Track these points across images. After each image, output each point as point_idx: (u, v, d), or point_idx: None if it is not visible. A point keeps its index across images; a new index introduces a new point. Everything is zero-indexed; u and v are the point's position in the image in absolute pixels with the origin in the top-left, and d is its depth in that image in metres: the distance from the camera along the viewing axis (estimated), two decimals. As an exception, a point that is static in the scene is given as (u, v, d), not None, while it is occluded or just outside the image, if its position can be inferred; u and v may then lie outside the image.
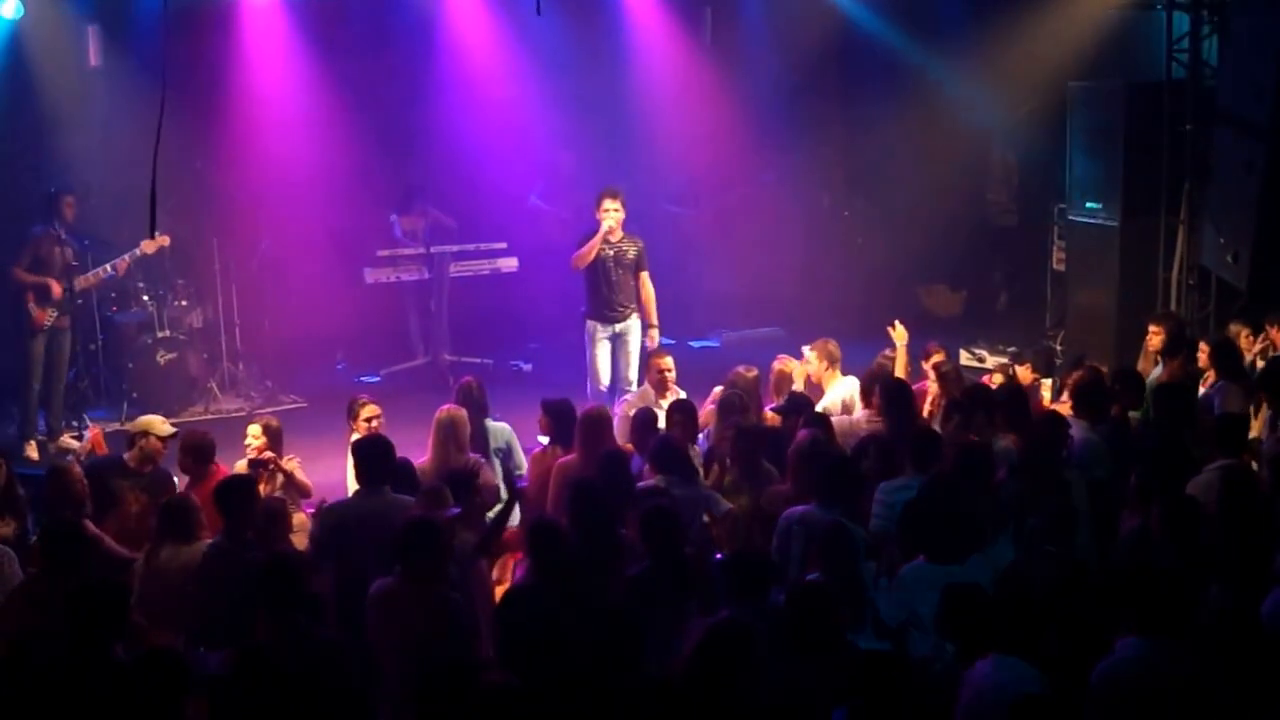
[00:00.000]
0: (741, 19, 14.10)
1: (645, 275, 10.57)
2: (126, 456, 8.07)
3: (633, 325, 10.54)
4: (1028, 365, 9.96)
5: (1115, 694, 5.00)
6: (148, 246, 10.88)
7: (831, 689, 5.24)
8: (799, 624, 5.50)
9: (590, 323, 10.57)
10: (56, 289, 10.62)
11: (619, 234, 10.45)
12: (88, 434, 9.01)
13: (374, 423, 8.32)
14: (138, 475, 7.88)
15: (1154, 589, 5.26)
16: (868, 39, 13.99)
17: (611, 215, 10.34)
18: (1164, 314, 10.69)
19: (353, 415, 8.39)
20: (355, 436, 8.22)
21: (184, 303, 12.16)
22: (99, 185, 11.34)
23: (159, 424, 8.20)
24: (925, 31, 13.59)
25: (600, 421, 8.05)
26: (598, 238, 10.35)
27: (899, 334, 9.58)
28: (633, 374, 10.41)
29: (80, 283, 10.80)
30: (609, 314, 10.48)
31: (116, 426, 10.67)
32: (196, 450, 7.87)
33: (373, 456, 7.06)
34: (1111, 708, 4.99)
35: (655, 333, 10.61)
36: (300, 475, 8.11)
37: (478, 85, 13.43)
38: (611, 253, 10.44)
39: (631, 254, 10.51)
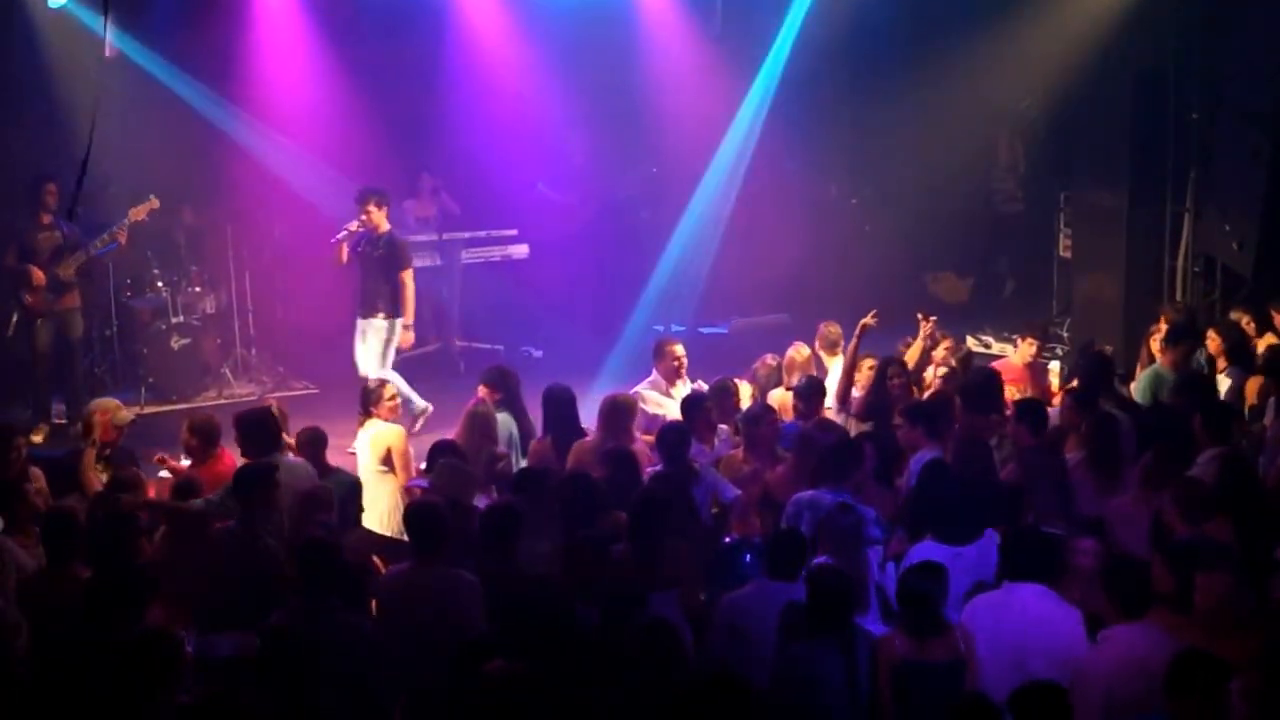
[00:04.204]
0: (751, 8, 14.13)
1: (403, 274, 10.66)
2: (84, 444, 8.32)
3: (372, 324, 10.68)
4: (1030, 339, 10.06)
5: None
6: (136, 213, 10.87)
7: (842, 671, 5.35)
8: (815, 607, 5.56)
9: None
10: (39, 276, 10.61)
11: (380, 231, 10.61)
12: None
13: (394, 402, 8.55)
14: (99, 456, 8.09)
15: (1126, 577, 5.40)
16: (875, 27, 14.02)
17: (363, 217, 10.56)
18: (1178, 305, 10.78)
19: (376, 400, 8.47)
20: (376, 422, 8.37)
21: (198, 289, 12.25)
22: (115, 176, 11.41)
23: (112, 405, 8.42)
24: (932, 19, 13.62)
25: (623, 407, 8.15)
26: (342, 237, 10.60)
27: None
28: (374, 368, 10.51)
29: (72, 263, 10.76)
30: (359, 310, 10.75)
31: (139, 410, 10.72)
32: (203, 432, 8.04)
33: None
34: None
35: (408, 333, 10.81)
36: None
37: (489, 73, 13.47)
38: (367, 250, 10.63)
39: (378, 254, 10.65)
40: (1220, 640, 5.13)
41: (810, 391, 8.61)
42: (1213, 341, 9.49)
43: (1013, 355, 10.45)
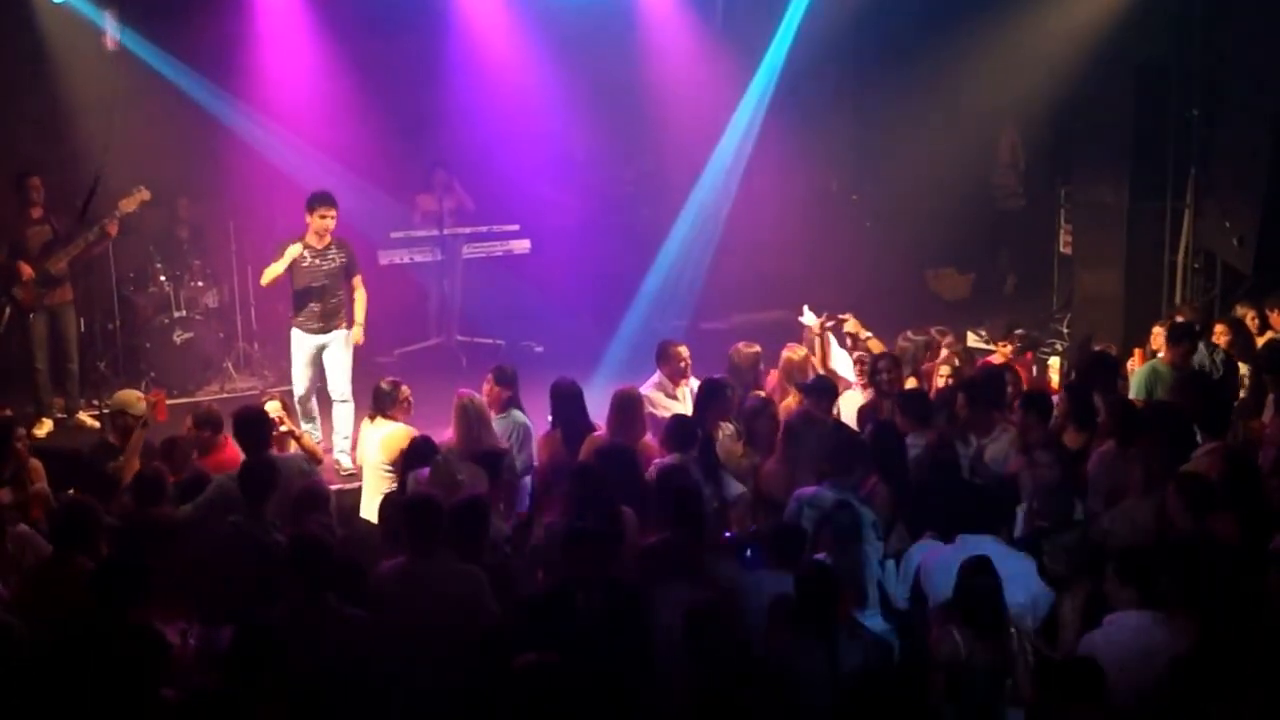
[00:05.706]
0: (752, 3, 14.14)
1: (358, 280, 10.07)
2: (110, 437, 8.36)
3: (337, 337, 10.00)
4: (1002, 342, 10.13)
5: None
6: (126, 205, 10.68)
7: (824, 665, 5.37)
8: (801, 602, 5.59)
9: (294, 330, 10.04)
10: (27, 271, 10.58)
11: (326, 240, 9.88)
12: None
13: (409, 402, 8.61)
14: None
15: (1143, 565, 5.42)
16: (876, 22, 14.03)
17: (324, 223, 9.79)
18: (1188, 305, 10.83)
19: (393, 401, 8.51)
20: (388, 423, 8.40)
21: (200, 283, 12.29)
22: (119, 171, 11.40)
23: (134, 399, 8.45)
24: (934, 15, 13.63)
25: (633, 401, 8.18)
26: (295, 247, 9.78)
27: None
28: (342, 385, 10.01)
29: (63, 256, 10.73)
30: (312, 326, 9.95)
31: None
32: (210, 423, 8.23)
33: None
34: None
35: (359, 330, 10.07)
36: (309, 442, 8.62)
37: (491, 69, 13.49)
38: (319, 262, 9.88)
39: (339, 261, 9.95)
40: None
41: (821, 391, 8.59)
42: (1222, 336, 9.52)
43: (996, 356, 10.52)
